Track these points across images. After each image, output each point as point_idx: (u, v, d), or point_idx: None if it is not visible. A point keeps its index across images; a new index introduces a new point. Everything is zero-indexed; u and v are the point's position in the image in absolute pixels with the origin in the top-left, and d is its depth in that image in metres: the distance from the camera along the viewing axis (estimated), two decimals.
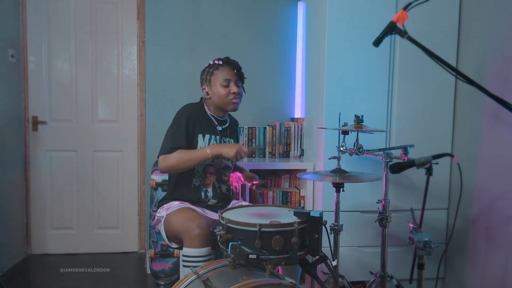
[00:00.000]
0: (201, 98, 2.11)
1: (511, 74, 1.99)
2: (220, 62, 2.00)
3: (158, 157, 1.93)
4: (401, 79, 2.36)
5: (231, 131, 2.13)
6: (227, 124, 2.10)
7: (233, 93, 1.96)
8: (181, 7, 3.01)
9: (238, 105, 2.02)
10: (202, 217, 1.82)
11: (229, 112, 2.16)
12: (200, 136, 1.98)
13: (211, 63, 2.02)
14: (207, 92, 2.01)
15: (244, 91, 2.07)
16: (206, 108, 2.06)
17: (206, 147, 1.91)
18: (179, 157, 1.87)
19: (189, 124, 1.94)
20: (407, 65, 2.35)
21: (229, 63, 2.00)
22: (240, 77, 2.01)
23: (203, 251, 1.70)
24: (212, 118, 2.04)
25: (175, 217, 1.86)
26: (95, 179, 3.23)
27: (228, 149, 1.87)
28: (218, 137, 2.03)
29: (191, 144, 1.96)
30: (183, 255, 1.74)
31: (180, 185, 2.00)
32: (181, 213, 1.86)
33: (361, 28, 2.29)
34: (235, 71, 1.99)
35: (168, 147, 1.90)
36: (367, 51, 2.25)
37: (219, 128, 2.04)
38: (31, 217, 3.18)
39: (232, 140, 2.11)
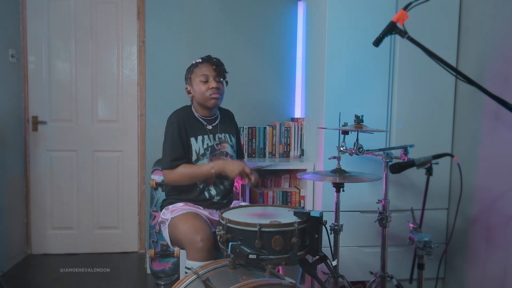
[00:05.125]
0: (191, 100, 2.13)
1: (511, 74, 1.99)
2: (200, 60, 2.03)
3: (162, 170, 1.98)
4: (401, 79, 2.36)
5: (224, 125, 2.12)
6: (217, 121, 2.09)
7: (212, 88, 1.97)
8: (181, 7, 3.01)
9: (220, 100, 2.03)
10: (207, 229, 1.79)
11: (221, 107, 2.16)
12: (192, 140, 1.99)
13: (194, 62, 2.05)
14: (189, 91, 2.05)
15: (227, 84, 2.06)
16: (193, 110, 2.07)
17: (210, 164, 1.94)
18: (183, 173, 1.93)
19: (181, 130, 1.97)
20: (407, 65, 2.35)
21: (208, 60, 2.02)
22: (219, 73, 2.01)
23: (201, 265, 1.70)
24: (200, 119, 2.05)
25: (180, 223, 1.84)
26: (95, 179, 3.23)
27: (231, 168, 1.91)
28: (211, 136, 2.04)
29: (187, 149, 1.98)
30: (186, 267, 1.73)
31: (184, 186, 2.00)
32: (186, 220, 1.83)
33: (361, 28, 2.29)
34: (214, 67, 2.00)
35: (169, 160, 1.94)
36: (367, 51, 2.25)
37: (209, 127, 2.05)
38: (31, 217, 3.18)
39: (227, 135, 2.10)
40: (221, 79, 2.02)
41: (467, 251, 2.30)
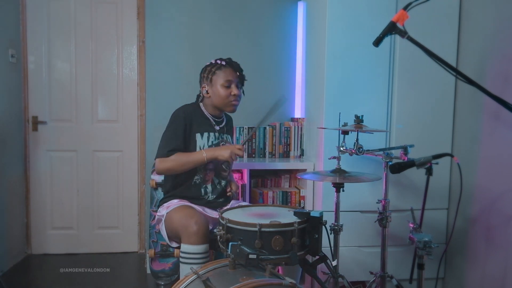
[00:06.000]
0: (197, 98, 2.12)
1: (511, 74, 1.99)
2: (223, 63, 2.00)
3: (155, 159, 1.95)
4: (401, 79, 2.36)
5: (228, 128, 2.15)
6: (223, 123, 2.11)
7: (234, 95, 1.98)
8: (181, 7, 3.01)
9: (236, 107, 2.04)
10: (201, 214, 1.84)
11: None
12: (198, 135, 1.99)
13: (213, 62, 2.02)
14: (206, 91, 2.02)
15: (244, 94, 2.08)
16: (203, 108, 2.06)
17: (202, 150, 1.93)
18: (176, 160, 1.89)
19: (186, 125, 1.95)
20: (407, 65, 2.35)
21: (232, 65, 2.01)
22: (241, 80, 2.03)
23: (200, 248, 1.71)
24: (210, 118, 2.04)
25: (174, 214, 1.87)
26: (95, 179, 3.23)
27: (222, 152, 1.90)
28: (216, 134, 2.04)
29: (189, 145, 1.97)
30: (181, 252, 1.75)
31: (180, 182, 2.01)
32: (180, 210, 1.87)
33: (361, 28, 2.29)
34: (237, 73, 2.00)
35: (165, 150, 1.91)
36: (367, 51, 2.25)
37: (217, 127, 2.05)
38: (31, 217, 3.18)
39: (229, 136, 2.13)
40: (241, 86, 2.04)
41: (467, 251, 2.30)
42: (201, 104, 2.07)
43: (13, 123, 3.00)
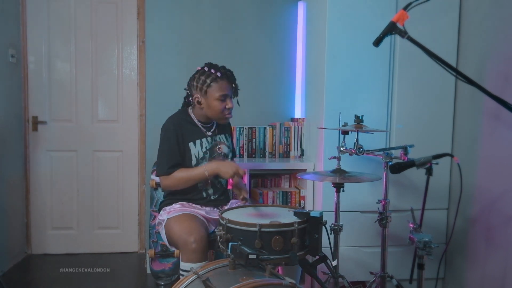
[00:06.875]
0: (184, 103, 2.12)
1: (511, 74, 1.99)
2: (219, 74, 1.93)
3: (156, 176, 2.00)
4: (401, 79, 2.36)
5: (221, 127, 2.13)
6: (214, 127, 2.10)
7: (228, 108, 1.98)
8: (181, 7, 3.01)
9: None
10: (201, 229, 1.80)
11: None
12: (191, 144, 1.99)
13: (206, 70, 1.95)
14: (199, 101, 1.97)
15: (239, 104, 2.08)
16: (192, 115, 2.05)
17: (203, 166, 1.93)
18: (179, 178, 1.93)
19: (178, 137, 1.96)
20: (407, 65, 2.35)
21: (228, 76, 1.96)
22: (235, 91, 2.02)
23: (199, 266, 1.71)
24: (199, 125, 2.04)
25: (175, 225, 1.86)
26: (95, 179, 3.23)
27: (226, 169, 1.90)
28: (209, 139, 2.04)
29: (184, 155, 1.98)
30: (180, 269, 1.75)
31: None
32: (181, 221, 1.85)
33: (361, 28, 2.29)
34: (233, 85, 1.99)
35: (165, 168, 1.94)
36: (367, 51, 2.25)
37: (208, 133, 2.06)
38: (31, 217, 3.18)
39: (222, 135, 2.11)
40: (235, 97, 2.04)
41: (467, 251, 2.30)
42: (190, 111, 2.06)
43: (13, 123, 3.00)
